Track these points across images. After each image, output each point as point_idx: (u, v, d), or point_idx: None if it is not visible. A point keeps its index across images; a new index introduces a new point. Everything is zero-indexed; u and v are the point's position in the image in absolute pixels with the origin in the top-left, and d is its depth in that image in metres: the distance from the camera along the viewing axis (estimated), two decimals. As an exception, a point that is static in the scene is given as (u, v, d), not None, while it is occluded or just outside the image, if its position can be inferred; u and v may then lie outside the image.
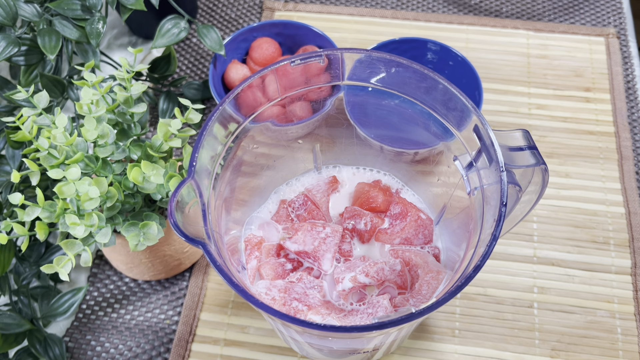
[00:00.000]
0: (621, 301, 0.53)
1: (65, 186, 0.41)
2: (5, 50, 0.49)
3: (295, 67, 0.39)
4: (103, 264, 0.57)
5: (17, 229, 0.42)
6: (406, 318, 0.31)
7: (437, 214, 0.47)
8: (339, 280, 0.41)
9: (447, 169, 0.44)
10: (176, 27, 0.57)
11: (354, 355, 0.44)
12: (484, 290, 0.54)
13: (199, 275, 0.55)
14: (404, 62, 0.38)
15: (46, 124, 0.45)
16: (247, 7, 0.75)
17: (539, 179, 0.36)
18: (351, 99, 0.47)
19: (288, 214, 0.47)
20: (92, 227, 0.41)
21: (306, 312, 0.41)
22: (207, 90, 0.65)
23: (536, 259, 0.55)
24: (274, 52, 0.63)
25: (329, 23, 0.72)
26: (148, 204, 0.47)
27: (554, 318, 0.52)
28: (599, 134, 0.62)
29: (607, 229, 0.56)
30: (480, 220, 0.36)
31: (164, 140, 0.44)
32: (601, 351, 0.50)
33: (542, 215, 0.57)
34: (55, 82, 0.54)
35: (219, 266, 0.32)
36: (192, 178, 0.34)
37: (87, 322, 0.54)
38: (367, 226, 0.45)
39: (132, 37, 0.73)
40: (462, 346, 0.51)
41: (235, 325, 0.53)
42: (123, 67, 0.46)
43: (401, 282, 0.43)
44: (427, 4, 0.74)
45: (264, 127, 0.43)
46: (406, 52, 0.61)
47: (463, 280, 0.32)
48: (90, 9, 0.53)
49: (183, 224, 0.32)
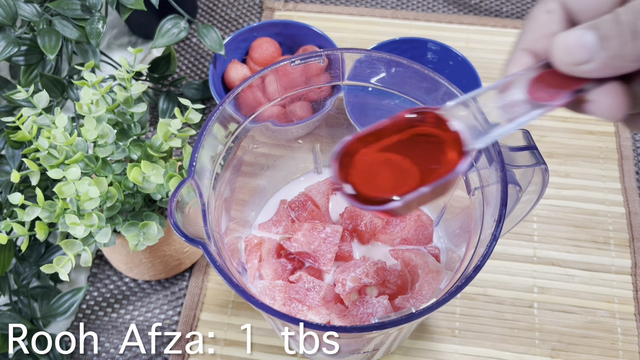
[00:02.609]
0: (621, 301, 0.53)
1: (65, 186, 0.41)
2: (5, 50, 0.49)
3: (295, 67, 0.39)
4: (103, 264, 0.57)
5: (17, 229, 0.42)
6: (406, 318, 0.31)
7: (437, 214, 0.47)
8: (339, 281, 0.41)
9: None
10: (176, 27, 0.57)
11: (354, 356, 0.44)
12: (484, 290, 0.54)
13: (198, 275, 0.55)
14: (404, 62, 0.38)
15: (46, 123, 0.45)
16: (247, 6, 0.75)
17: (539, 178, 0.36)
18: (351, 99, 0.47)
19: (288, 214, 0.47)
20: (92, 227, 0.41)
21: (306, 312, 0.41)
22: (207, 90, 0.65)
23: (536, 259, 0.55)
24: (274, 52, 0.63)
25: (329, 23, 0.72)
26: (148, 204, 0.47)
27: (554, 318, 0.52)
28: (599, 134, 0.62)
29: (607, 229, 0.56)
30: (480, 220, 0.36)
31: (164, 140, 0.44)
32: (601, 351, 0.50)
33: (542, 215, 0.57)
34: (55, 82, 0.54)
35: (219, 266, 0.32)
36: (192, 178, 0.34)
37: (87, 322, 0.54)
38: (367, 226, 0.45)
39: (132, 37, 0.73)
40: (462, 346, 0.51)
41: (235, 325, 0.53)
42: (123, 67, 0.46)
43: (401, 282, 0.43)
44: (427, 4, 0.74)
45: (264, 127, 0.43)
46: (406, 52, 0.61)
47: (463, 281, 0.32)
48: (90, 9, 0.53)
49: (183, 224, 0.32)
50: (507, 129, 0.27)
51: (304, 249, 0.43)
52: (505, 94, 0.28)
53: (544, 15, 0.28)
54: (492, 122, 0.28)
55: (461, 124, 0.28)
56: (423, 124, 0.29)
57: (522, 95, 0.27)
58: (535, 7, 0.29)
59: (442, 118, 0.28)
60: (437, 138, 0.29)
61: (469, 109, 0.28)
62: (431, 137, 0.29)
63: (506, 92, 0.28)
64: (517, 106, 0.27)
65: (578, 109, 0.28)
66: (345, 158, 0.29)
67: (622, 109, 0.26)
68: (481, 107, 0.28)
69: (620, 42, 0.24)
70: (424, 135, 0.29)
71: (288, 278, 0.43)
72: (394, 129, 0.30)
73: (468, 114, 0.28)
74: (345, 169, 0.29)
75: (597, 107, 0.26)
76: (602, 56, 0.25)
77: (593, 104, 0.26)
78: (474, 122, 0.28)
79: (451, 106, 0.29)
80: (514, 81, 0.28)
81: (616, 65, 0.25)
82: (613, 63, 0.25)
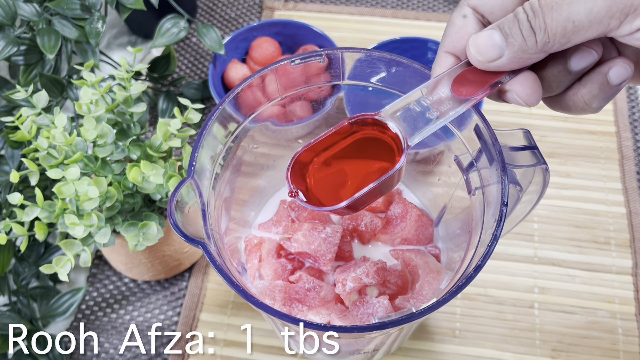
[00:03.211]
0: (622, 301, 0.53)
1: (65, 186, 0.40)
2: (5, 49, 0.49)
3: (295, 67, 0.39)
4: (102, 264, 0.57)
5: (17, 229, 0.42)
6: (406, 318, 0.31)
7: (438, 214, 0.47)
8: (339, 281, 0.41)
9: (448, 169, 0.43)
10: (176, 27, 0.56)
11: (354, 356, 0.44)
12: (484, 290, 0.54)
13: (198, 276, 0.55)
14: (404, 61, 0.38)
15: (45, 123, 0.44)
16: (247, 6, 0.75)
17: (540, 178, 0.36)
18: (351, 98, 0.47)
19: (288, 214, 0.47)
20: (91, 227, 0.41)
21: (306, 312, 0.41)
22: (206, 89, 0.65)
23: (537, 259, 0.55)
24: (273, 52, 0.63)
25: (329, 22, 0.72)
26: (147, 204, 0.47)
27: (554, 318, 0.52)
28: (600, 134, 0.62)
29: (608, 229, 0.56)
30: (480, 220, 0.36)
31: (164, 140, 0.44)
32: (602, 352, 0.50)
33: (542, 215, 0.57)
34: (54, 81, 0.53)
35: (219, 266, 0.32)
36: (191, 178, 0.34)
37: (87, 322, 0.54)
38: (368, 227, 0.45)
39: (132, 37, 0.73)
40: (463, 347, 0.51)
41: (235, 326, 0.53)
42: (122, 67, 0.46)
43: (402, 282, 0.43)
44: (427, 4, 0.74)
45: (263, 127, 0.43)
46: (406, 52, 0.61)
47: (464, 281, 0.31)
48: (89, 9, 0.53)
49: (183, 224, 0.32)
50: (438, 124, 0.31)
51: (304, 249, 0.43)
52: (433, 93, 0.31)
53: (460, 20, 0.31)
54: (425, 119, 0.31)
55: (397, 124, 0.31)
56: (365, 129, 0.33)
57: (448, 92, 0.31)
58: (453, 14, 0.32)
59: (381, 122, 0.31)
60: (378, 139, 0.32)
61: (404, 110, 0.31)
62: (375, 140, 0.32)
63: (434, 92, 0.31)
64: (444, 103, 0.31)
65: (500, 98, 0.31)
66: (299, 167, 0.33)
67: (538, 94, 0.29)
68: (413, 107, 0.31)
69: (521, 38, 0.27)
70: (369, 139, 0.33)
71: (288, 278, 0.43)
72: (341, 136, 0.33)
73: (403, 114, 0.31)
74: (300, 178, 0.33)
75: (515, 95, 0.30)
76: (509, 52, 0.28)
77: (511, 93, 0.30)
78: (408, 120, 0.31)
79: (387, 109, 0.32)
80: (440, 80, 0.31)
81: (523, 58, 0.28)
82: (519, 56, 0.28)
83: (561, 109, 0.31)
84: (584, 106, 0.30)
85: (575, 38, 0.26)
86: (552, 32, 0.26)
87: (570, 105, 0.31)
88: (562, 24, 0.26)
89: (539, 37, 0.27)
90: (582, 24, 0.26)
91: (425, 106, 0.31)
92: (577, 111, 0.31)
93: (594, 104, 0.30)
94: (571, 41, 0.27)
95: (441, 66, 0.32)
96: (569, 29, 0.26)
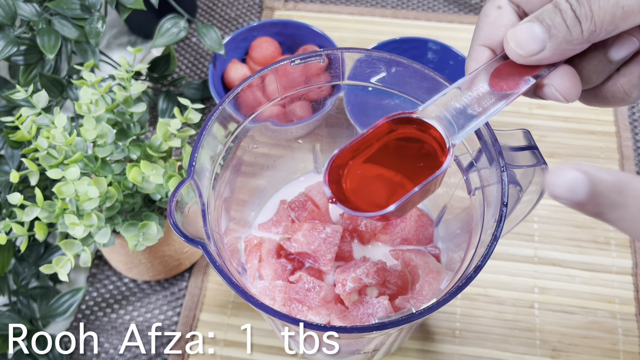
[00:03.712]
0: (622, 302, 0.52)
1: (65, 186, 0.40)
2: (5, 49, 0.49)
3: (295, 67, 0.39)
4: (102, 264, 0.57)
5: (16, 229, 0.42)
6: (406, 318, 0.31)
7: (438, 214, 0.47)
8: (339, 281, 0.41)
9: (448, 169, 0.43)
10: (176, 27, 0.56)
11: (354, 356, 0.44)
12: (484, 290, 0.53)
13: (198, 276, 0.55)
14: (404, 61, 0.38)
15: (45, 123, 0.44)
16: (247, 6, 0.75)
17: (540, 178, 0.36)
18: (351, 98, 0.47)
19: (288, 214, 0.47)
20: (91, 227, 0.41)
21: (306, 312, 0.41)
22: (206, 89, 0.65)
23: (537, 259, 0.55)
24: (273, 52, 0.63)
25: (329, 22, 0.72)
26: (147, 204, 0.47)
27: (554, 318, 0.52)
28: (600, 134, 0.62)
29: (608, 229, 0.56)
30: (480, 220, 0.36)
31: (164, 140, 0.44)
32: (602, 352, 0.50)
33: (542, 215, 0.57)
34: (54, 81, 0.53)
35: (219, 266, 0.32)
36: (191, 178, 0.34)
37: (87, 322, 0.54)
38: (368, 227, 0.45)
39: (132, 37, 0.73)
40: (463, 347, 0.51)
41: (235, 326, 0.53)
42: (122, 67, 0.46)
43: (402, 282, 0.43)
44: (427, 4, 0.74)
45: (263, 127, 0.43)
46: (407, 52, 0.61)
47: (464, 281, 0.31)
48: (89, 8, 0.53)
49: (182, 224, 0.32)
50: (481, 121, 0.29)
51: (304, 249, 0.42)
52: (472, 89, 0.30)
53: (495, 11, 0.30)
54: (467, 116, 0.29)
55: (438, 122, 0.30)
56: (404, 128, 0.31)
57: (487, 87, 0.29)
58: (486, 4, 0.30)
59: (420, 120, 0.30)
60: (420, 139, 0.31)
61: (443, 108, 0.30)
62: (414, 139, 0.31)
63: (472, 88, 0.30)
64: (484, 99, 0.29)
65: (535, 94, 0.30)
66: (336, 170, 0.31)
67: (578, 87, 0.28)
68: (453, 104, 0.30)
69: (565, 29, 0.26)
70: (407, 138, 0.31)
71: (288, 278, 0.43)
72: (377, 136, 0.31)
73: (442, 113, 0.30)
74: (337, 182, 0.31)
75: (554, 89, 0.28)
76: (552, 44, 0.27)
77: (549, 88, 0.29)
78: (448, 119, 0.30)
79: (425, 107, 0.30)
80: (477, 76, 0.30)
81: (566, 49, 0.27)
82: (563, 48, 0.27)
83: (597, 102, 0.30)
84: (623, 96, 0.29)
85: (623, 25, 0.25)
86: (600, 20, 0.25)
87: (608, 97, 0.29)
88: (610, 10, 0.25)
89: (584, 26, 0.25)
90: (632, 9, 0.25)
91: (466, 103, 0.30)
92: (615, 102, 0.29)
93: (634, 93, 0.29)
94: (618, 28, 0.25)
95: (476, 60, 0.31)
96: (617, 16, 0.25)
